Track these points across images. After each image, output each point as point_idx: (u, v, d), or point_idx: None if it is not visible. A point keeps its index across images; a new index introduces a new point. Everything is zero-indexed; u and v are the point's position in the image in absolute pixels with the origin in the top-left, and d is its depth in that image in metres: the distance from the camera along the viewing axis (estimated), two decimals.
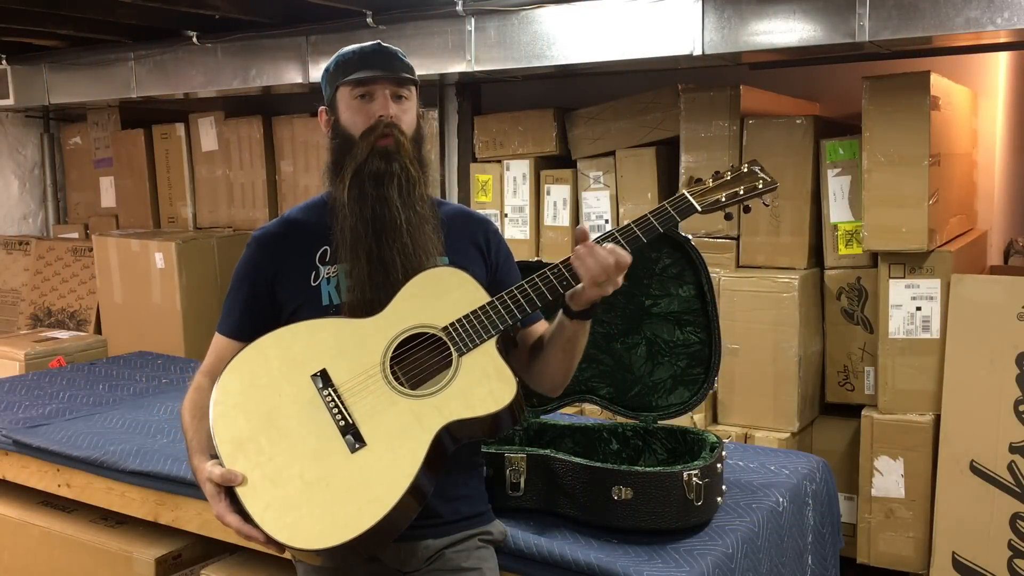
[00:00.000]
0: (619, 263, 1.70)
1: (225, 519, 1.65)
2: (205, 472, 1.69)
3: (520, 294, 1.76)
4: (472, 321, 1.73)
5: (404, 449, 1.65)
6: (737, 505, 2.17)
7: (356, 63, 1.83)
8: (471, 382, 1.70)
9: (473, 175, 4.02)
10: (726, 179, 1.86)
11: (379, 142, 1.79)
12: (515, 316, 1.75)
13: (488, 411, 1.68)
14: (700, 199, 1.81)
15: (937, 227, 3.12)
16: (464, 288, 1.78)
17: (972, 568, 3.00)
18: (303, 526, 1.61)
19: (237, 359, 1.77)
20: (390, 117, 1.80)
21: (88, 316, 4.95)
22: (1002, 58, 3.63)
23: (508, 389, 1.70)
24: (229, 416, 1.71)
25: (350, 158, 1.81)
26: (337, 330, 1.77)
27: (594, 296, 1.74)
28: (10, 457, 2.84)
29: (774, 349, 3.27)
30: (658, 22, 3.09)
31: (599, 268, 1.69)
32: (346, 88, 1.83)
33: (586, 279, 1.71)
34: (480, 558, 1.84)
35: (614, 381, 2.38)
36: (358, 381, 1.71)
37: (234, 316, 1.90)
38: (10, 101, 4.90)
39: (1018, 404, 2.96)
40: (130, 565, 2.56)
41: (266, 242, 1.91)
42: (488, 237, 1.97)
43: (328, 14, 3.67)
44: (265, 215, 4.70)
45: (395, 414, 1.68)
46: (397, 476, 1.63)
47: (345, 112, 1.83)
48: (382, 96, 1.81)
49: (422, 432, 1.66)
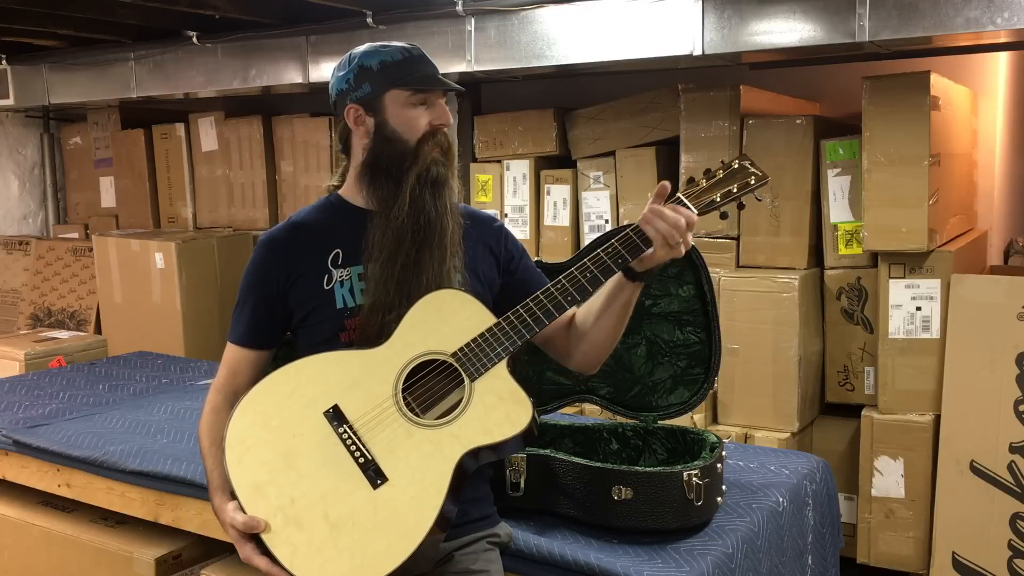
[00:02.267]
0: (691, 219, 1.73)
1: (253, 562, 1.65)
2: (228, 517, 1.68)
3: (535, 306, 1.75)
4: (481, 344, 1.72)
5: (427, 481, 1.64)
6: (737, 505, 2.16)
7: (410, 65, 1.82)
8: (487, 407, 1.69)
9: (473, 175, 4.02)
10: (719, 177, 1.85)
11: (440, 147, 1.82)
12: (522, 335, 1.74)
13: (506, 436, 1.68)
14: (695, 201, 1.80)
15: (937, 227, 3.12)
16: (468, 310, 1.77)
17: (972, 568, 3.00)
18: (333, 568, 1.59)
19: (247, 400, 1.74)
20: (450, 122, 1.83)
21: (88, 316, 4.95)
22: (1002, 58, 3.63)
23: (524, 411, 1.69)
24: (245, 461, 1.69)
25: (411, 163, 1.80)
26: (344, 363, 1.75)
27: (663, 257, 1.74)
28: (10, 457, 2.83)
29: (774, 349, 3.27)
30: (658, 22, 3.09)
31: (672, 224, 1.71)
32: (402, 92, 1.81)
33: (659, 238, 1.72)
34: (488, 560, 1.84)
35: (614, 381, 2.38)
36: (373, 415, 1.70)
37: (245, 324, 1.88)
38: (10, 101, 4.90)
39: (1018, 404, 2.96)
40: (130, 565, 2.56)
41: (275, 247, 1.88)
42: (496, 235, 1.97)
43: (328, 14, 3.67)
44: (265, 215, 4.70)
45: (414, 446, 1.67)
46: (423, 508, 1.62)
47: (398, 116, 1.82)
48: (440, 103, 1.83)
49: (443, 462, 1.65)
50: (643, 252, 1.74)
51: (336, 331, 1.82)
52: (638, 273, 1.78)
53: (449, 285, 1.80)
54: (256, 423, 1.71)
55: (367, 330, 1.78)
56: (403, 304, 1.76)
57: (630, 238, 1.74)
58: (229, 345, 1.90)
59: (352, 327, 1.81)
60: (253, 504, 1.65)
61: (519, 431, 1.68)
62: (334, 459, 1.67)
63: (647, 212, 1.74)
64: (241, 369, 1.87)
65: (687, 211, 1.73)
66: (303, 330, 1.87)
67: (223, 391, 1.87)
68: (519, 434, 1.68)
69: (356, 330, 1.81)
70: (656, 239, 1.72)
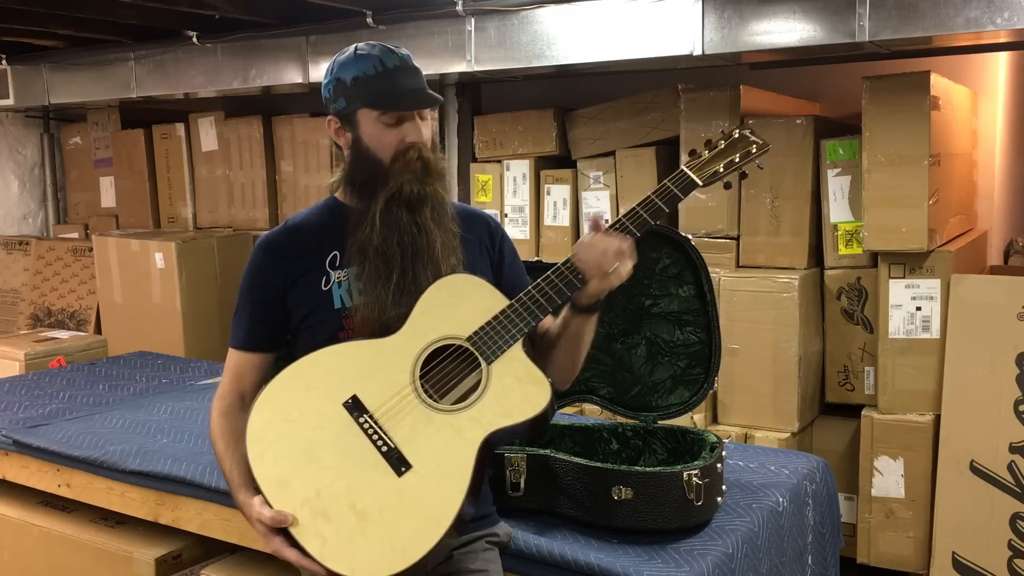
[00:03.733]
0: (620, 248, 1.69)
1: (283, 554, 1.64)
2: (254, 512, 1.66)
3: (538, 293, 1.73)
4: (496, 327, 1.72)
5: (451, 465, 1.64)
6: (737, 505, 2.17)
7: (382, 82, 1.76)
8: (505, 389, 1.69)
9: (473, 175, 4.02)
10: (720, 147, 1.85)
11: (411, 166, 1.76)
12: (536, 316, 1.73)
13: (527, 416, 1.68)
14: (699, 173, 1.80)
15: (937, 227, 3.12)
16: (479, 293, 1.76)
17: (972, 568, 3.00)
18: (363, 557, 1.59)
19: (263, 396, 1.74)
20: (425, 141, 1.77)
21: (88, 316, 4.95)
22: (1002, 58, 3.63)
23: (543, 391, 1.69)
24: (267, 457, 1.68)
25: (381, 183, 1.77)
26: (359, 353, 1.74)
27: (600, 289, 1.72)
28: (10, 457, 2.84)
29: (774, 349, 3.27)
30: (658, 22, 3.09)
31: (600, 254, 1.68)
32: (372, 111, 1.77)
33: (592, 269, 1.70)
34: (487, 560, 1.84)
35: (614, 381, 2.38)
36: (392, 403, 1.70)
37: (245, 328, 1.88)
38: (10, 101, 4.90)
39: (1018, 404, 2.96)
40: (130, 565, 2.56)
41: (273, 249, 1.87)
42: (491, 234, 1.96)
43: (328, 14, 3.67)
44: (265, 215, 4.70)
45: (435, 431, 1.67)
46: (450, 492, 1.62)
47: (370, 134, 1.78)
48: (412, 121, 1.77)
49: (465, 446, 1.65)
50: (577, 287, 1.72)
51: (335, 331, 1.82)
52: (580, 305, 1.76)
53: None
54: (275, 418, 1.71)
55: (365, 333, 1.78)
56: (398, 312, 1.75)
57: (562, 273, 1.73)
58: (231, 351, 1.89)
59: (351, 327, 1.81)
60: (279, 498, 1.64)
61: (539, 411, 1.68)
62: (357, 449, 1.67)
63: (577, 244, 1.72)
64: (245, 373, 1.86)
65: (618, 238, 1.70)
66: (303, 332, 1.86)
67: (229, 396, 1.86)
68: (539, 415, 1.68)
69: (355, 330, 1.80)
70: (588, 270, 1.70)
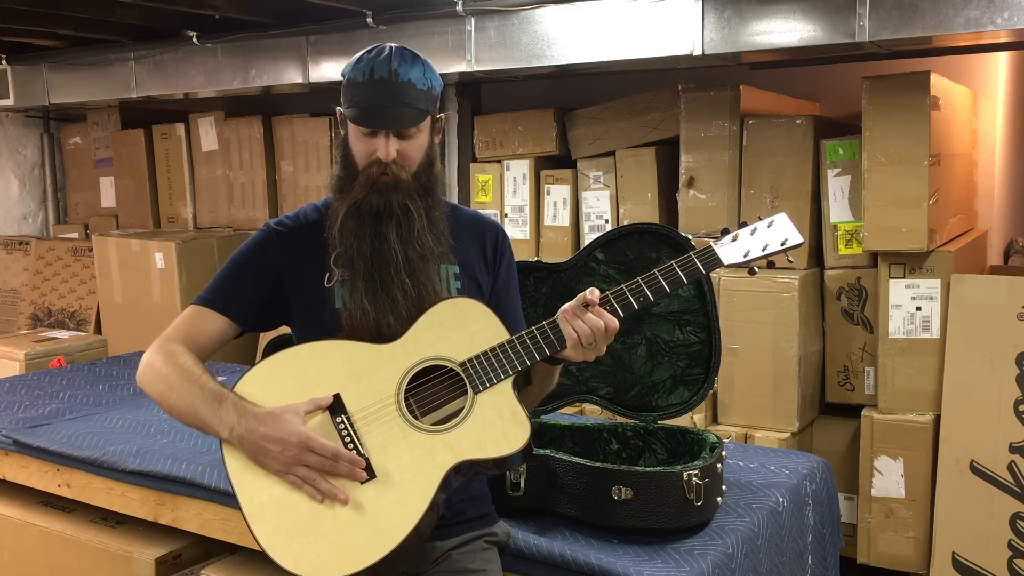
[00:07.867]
0: (608, 328, 1.68)
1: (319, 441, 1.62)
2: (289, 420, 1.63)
3: (540, 335, 1.72)
4: (491, 359, 1.71)
5: (414, 485, 1.63)
6: (737, 505, 2.16)
7: (361, 92, 1.74)
8: (485, 422, 1.68)
9: (473, 175, 4.02)
10: (753, 231, 1.85)
11: (379, 179, 1.74)
12: (533, 357, 1.71)
13: (500, 454, 1.66)
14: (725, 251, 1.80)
15: (937, 227, 3.12)
16: (484, 322, 1.75)
17: (972, 568, 3.00)
18: (308, 555, 1.60)
19: (250, 374, 1.74)
20: (389, 159, 1.74)
21: (88, 316, 4.95)
22: (1002, 58, 3.63)
23: (522, 433, 1.67)
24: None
25: (348, 189, 1.77)
26: (353, 354, 1.74)
27: (572, 359, 1.72)
28: (10, 457, 2.83)
29: (774, 349, 3.27)
30: (658, 22, 3.09)
31: (587, 331, 1.68)
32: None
33: (570, 342, 1.69)
34: (486, 559, 1.84)
35: (614, 381, 2.38)
36: (372, 410, 1.69)
37: (224, 288, 1.85)
38: (10, 101, 4.90)
39: (1018, 404, 2.96)
40: (130, 565, 2.56)
41: (282, 233, 1.86)
42: (496, 247, 1.94)
43: (328, 14, 3.67)
44: (265, 215, 4.70)
45: (407, 447, 1.66)
46: (405, 513, 1.61)
47: (352, 138, 1.78)
48: (384, 138, 1.74)
49: (433, 469, 1.64)
50: (557, 349, 1.71)
51: (334, 330, 1.81)
52: (550, 357, 1.75)
53: (437, 296, 1.77)
54: (258, 393, 1.71)
55: (358, 336, 1.78)
56: (382, 321, 1.74)
57: (546, 333, 1.72)
58: (193, 307, 1.84)
59: (350, 327, 1.81)
60: (240, 478, 1.65)
61: (513, 451, 1.66)
62: None
63: (567, 309, 1.71)
64: (197, 333, 1.81)
65: (609, 316, 1.69)
66: (302, 326, 1.86)
67: (175, 345, 1.79)
68: (513, 454, 1.66)
69: (354, 331, 1.80)
70: (570, 339, 1.70)
